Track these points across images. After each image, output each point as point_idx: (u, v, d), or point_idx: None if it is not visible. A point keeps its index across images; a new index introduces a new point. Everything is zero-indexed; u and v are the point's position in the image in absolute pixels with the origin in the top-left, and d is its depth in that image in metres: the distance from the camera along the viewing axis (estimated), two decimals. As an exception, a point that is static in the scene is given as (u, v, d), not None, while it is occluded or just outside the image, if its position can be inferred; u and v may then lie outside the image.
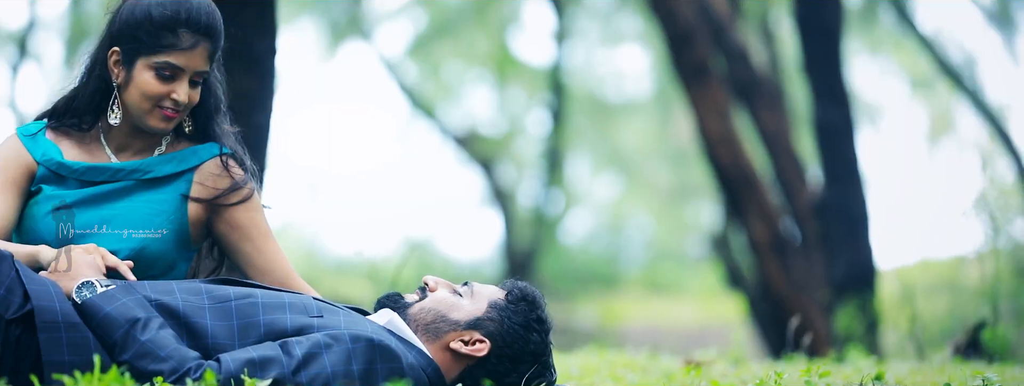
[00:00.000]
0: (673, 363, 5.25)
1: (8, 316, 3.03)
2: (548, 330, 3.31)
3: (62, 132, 3.49)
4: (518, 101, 19.38)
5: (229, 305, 3.15)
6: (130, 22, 3.37)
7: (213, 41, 3.40)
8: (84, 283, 3.09)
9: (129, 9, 3.39)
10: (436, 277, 3.38)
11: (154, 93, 3.36)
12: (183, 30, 3.35)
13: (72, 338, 3.01)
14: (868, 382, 3.41)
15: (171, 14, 3.35)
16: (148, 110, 3.38)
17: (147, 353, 2.96)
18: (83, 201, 3.40)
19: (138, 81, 3.37)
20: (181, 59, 3.35)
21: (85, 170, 3.43)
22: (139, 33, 3.35)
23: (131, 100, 3.39)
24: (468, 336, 3.22)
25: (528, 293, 3.30)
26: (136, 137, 3.48)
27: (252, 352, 3.01)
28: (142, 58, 3.36)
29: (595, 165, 22.29)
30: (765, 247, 9.47)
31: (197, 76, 3.40)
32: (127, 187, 3.43)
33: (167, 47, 3.34)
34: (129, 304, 3.04)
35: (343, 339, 3.05)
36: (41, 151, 3.44)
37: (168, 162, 3.47)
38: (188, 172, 3.49)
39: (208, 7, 3.41)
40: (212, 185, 3.49)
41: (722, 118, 9.52)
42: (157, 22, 3.34)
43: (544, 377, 3.27)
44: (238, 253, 3.52)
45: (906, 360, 5.66)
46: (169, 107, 3.37)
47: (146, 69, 3.36)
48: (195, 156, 3.50)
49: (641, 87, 21.49)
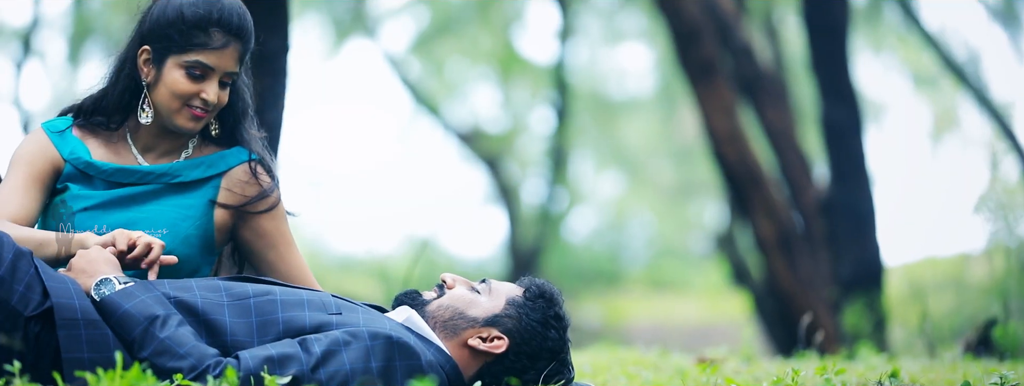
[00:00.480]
0: (684, 361, 5.25)
1: (27, 313, 3.03)
2: (566, 327, 3.31)
3: (89, 130, 3.49)
4: (522, 99, 19.37)
5: (248, 302, 3.15)
6: (161, 21, 3.37)
7: (244, 42, 3.41)
8: (103, 280, 3.09)
9: (160, 8, 3.39)
10: (454, 274, 3.38)
11: (184, 92, 3.36)
12: (215, 30, 3.35)
13: (91, 335, 3.01)
14: (884, 379, 3.40)
15: (203, 13, 3.35)
16: (177, 109, 3.38)
17: (166, 350, 2.96)
18: (110, 203, 3.39)
19: (168, 80, 3.37)
20: (212, 58, 3.35)
21: (114, 171, 3.42)
22: (170, 32, 3.35)
23: (160, 99, 3.39)
24: (486, 333, 3.23)
25: (546, 290, 3.31)
26: (163, 138, 3.48)
27: (271, 349, 3.01)
28: (173, 57, 3.36)
29: (598, 163, 22.29)
30: (772, 244, 9.46)
31: (227, 77, 3.40)
32: (155, 190, 3.43)
33: (198, 46, 3.34)
34: (148, 301, 3.04)
35: (362, 336, 3.06)
36: (69, 149, 3.44)
37: (196, 167, 3.47)
38: (216, 177, 3.49)
39: (240, 8, 3.41)
40: (240, 192, 3.49)
41: (729, 116, 9.50)
42: (189, 21, 3.34)
43: (562, 374, 3.27)
44: (262, 260, 3.53)
45: (917, 357, 5.65)
46: (198, 107, 3.37)
47: (176, 68, 3.36)
48: (223, 161, 3.50)
49: (644, 84, 21.48)
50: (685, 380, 4.13)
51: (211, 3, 3.37)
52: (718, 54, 9.68)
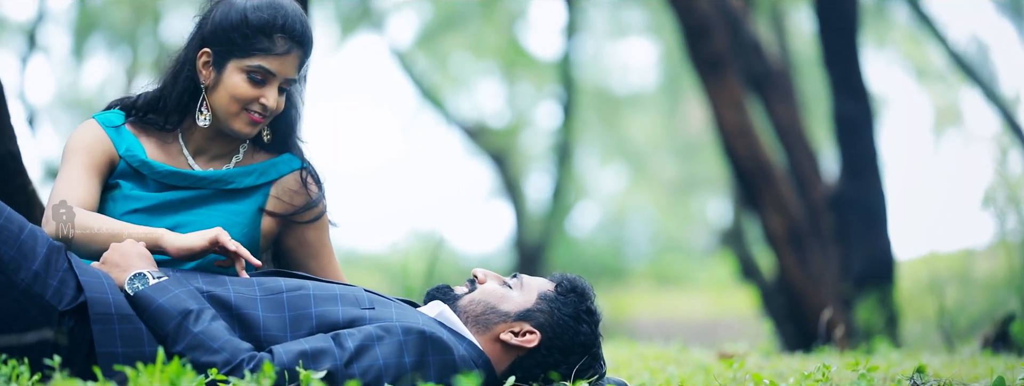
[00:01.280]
0: (705, 356, 5.25)
1: (62, 308, 3.03)
2: (598, 321, 3.31)
3: (141, 128, 3.48)
4: (527, 94, 19.36)
5: (281, 297, 3.15)
6: (224, 24, 3.35)
7: (305, 50, 3.40)
8: (136, 274, 3.08)
9: (223, 11, 3.38)
10: (485, 269, 3.38)
11: (244, 96, 3.35)
12: (279, 35, 3.34)
13: (125, 330, 3.01)
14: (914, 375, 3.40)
15: (268, 18, 3.34)
16: (235, 113, 3.37)
17: (199, 345, 2.95)
18: (160, 206, 3.39)
19: (228, 84, 3.36)
20: (274, 64, 3.34)
21: (168, 173, 3.41)
22: (233, 35, 3.34)
23: (218, 103, 3.38)
24: (518, 327, 3.23)
25: (578, 284, 3.31)
26: (216, 141, 3.47)
27: (305, 344, 3.01)
28: (234, 61, 3.36)
29: (602, 157, 22.28)
30: (782, 240, 9.44)
31: (286, 83, 3.39)
32: (205, 196, 3.43)
33: (261, 51, 3.34)
34: (181, 296, 3.04)
35: (395, 331, 3.06)
36: (125, 145, 3.43)
37: (249, 174, 3.47)
38: (266, 185, 3.49)
39: (303, 16, 3.40)
40: (288, 201, 3.50)
41: (739, 111, 9.48)
42: (253, 25, 3.33)
43: (594, 369, 3.27)
44: (302, 269, 3.54)
45: (935, 353, 5.65)
46: (257, 111, 3.37)
47: (237, 72, 3.35)
48: (275, 169, 3.50)
49: (647, 79, 21.47)
50: (709, 375, 4.13)
51: (276, 8, 3.36)
52: (728, 49, 9.66)
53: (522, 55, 17.88)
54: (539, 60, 18.32)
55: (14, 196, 3.87)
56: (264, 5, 3.35)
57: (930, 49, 18.52)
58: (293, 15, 3.37)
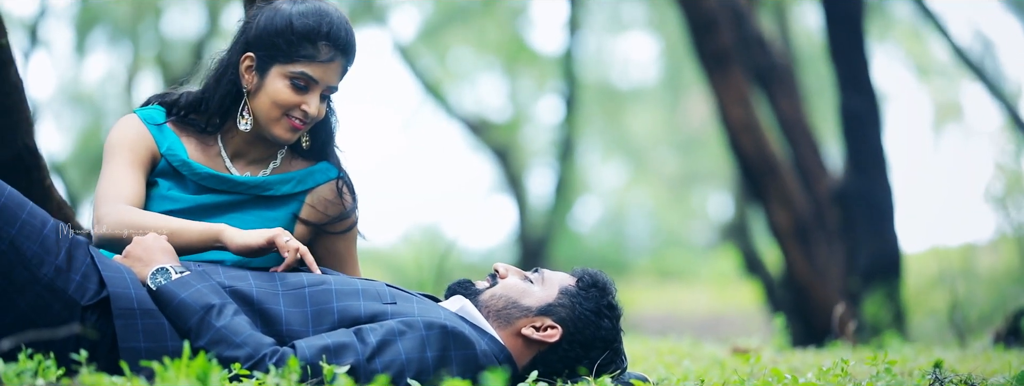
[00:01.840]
0: (718, 351, 5.25)
1: (84, 302, 3.03)
2: (619, 316, 3.31)
3: (182, 128, 3.47)
4: (528, 89, 19.36)
5: (302, 292, 3.15)
6: (269, 30, 3.34)
7: (348, 58, 3.39)
8: (159, 269, 3.08)
9: (268, 17, 3.37)
10: (506, 264, 3.38)
11: (286, 102, 3.34)
12: (323, 43, 3.33)
13: (147, 325, 3.01)
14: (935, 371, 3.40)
15: (313, 25, 3.32)
16: (276, 119, 3.36)
17: (222, 339, 2.95)
18: (196, 209, 3.39)
19: (270, 89, 3.35)
20: (317, 71, 3.33)
21: (207, 176, 3.41)
22: (278, 41, 3.33)
23: (260, 107, 3.37)
24: (540, 322, 3.22)
25: (599, 279, 3.31)
26: (254, 146, 3.47)
27: (327, 339, 3.00)
28: (277, 66, 3.34)
29: (603, 152, 22.28)
30: (788, 234, 9.45)
31: (327, 91, 3.38)
32: (241, 201, 3.43)
33: (305, 58, 3.32)
34: (203, 290, 3.03)
35: (417, 326, 3.05)
36: (168, 144, 3.42)
37: (286, 182, 3.47)
38: (303, 194, 3.49)
39: (347, 24, 3.39)
40: (322, 210, 3.50)
41: (744, 105, 9.49)
42: (298, 32, 3.32)
43: (615, 363, 3.27)
44: None
45: (947, 348, 5.65)
46: (298, 118, 3.36)
47: (280, 77, 3.34)
48: (312, 178, 3.50)
49: (648, 74, 21.47)
50: (724, 370, 4.13)
51: (321, 15, 3.34)
52: (733, 44, 9.66)
53: (524, 50, 17.87)
54: (541, 55, 18.32)
55: (31, 190, 3.86)
56: (310, 12, 3.34)
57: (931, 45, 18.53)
58: (338, 23, 3.35)
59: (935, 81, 19.65)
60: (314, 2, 3.39)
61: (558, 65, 17.34)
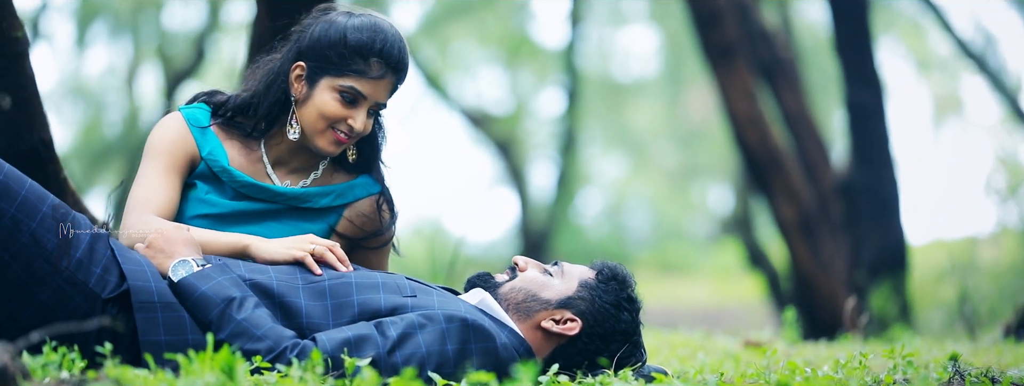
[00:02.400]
0: (730, 343, 5.25)
1: (105, 295, 3.03)
2: (638, 309, 3.31)
3: (226, 130, 3.45)
4: (529, 82, 19.35)
5: (323, 285, 3.14)
6: (322, 41, 3.32)
7: (399, 76, 3.37)
8: (180, 262, 3.08)
9: (323, 28, 3.34)
10: (526, 257, 3.38)
11: (332, 115, 3.32)
12: (375, 59, 3.30)
13: (168, 318, 3.01)
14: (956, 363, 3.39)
15: (367, 41, 3.30)
16: (321, 130, 3.34)
17: (243, 332, 2.95)
18: (231, 215, 3.37)
19: (318, 100, 3.33)
20: (367, 87, 3.31)
21: (246, 185, 3.39)
22: (330, 53, 3.31)
23: (306, 118, 3.35)
24: (559, 315, 3.22)
25: (619, 272, 3.30)
26: (298, 155, 3.45)
27: (347, 332, 3.00)
28: (327, 78, 3.32)
29: (604, 145, 22.28)
30: (792, 228, 9.46)
31: (376, 107, 3.36)
32: (278, 210, 3.42)
33: (356, 72, 3.30)
34: (224, 283, 3.03)
35: (437, 319, 3.05)
36: (209, 148, 3.40)
37: (326, 195, 3.45)
38: (341, 207, 3.47)
39: (401, 41, 3.36)
40: (360, 225, 3.49)
41: (749, 99, 9.48)
42: (351, 46, 3.29)
43: (635, 356, 3.27)
44: None
45: (957, 341, 5.65)
46: (343, 131, 3.33)
47: (329, 90, 3.32)
48: (351, 192, 3.49)
49: (649, 67, 21.47)
50: (738, 363, 4.14)
51: (376, 31, 3.32)
52: (738, 38, 9.65)
53: (525, 43, 17.87)
54: (542, 48, 18.31)
55: (46, 183, 3.87)
56: (365, 26, 3.32)
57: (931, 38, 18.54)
58: (392, 40, 3.33)
59: (935, 75, 19.66)
60: (370, 17, 3.36)
61: (559, 58, 17.34)
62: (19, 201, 3.00)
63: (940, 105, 20.18)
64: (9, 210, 2.98)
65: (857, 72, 8.92)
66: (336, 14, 3.38)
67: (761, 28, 10.67)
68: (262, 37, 4.72)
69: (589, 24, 18.00)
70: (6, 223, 2.97)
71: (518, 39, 17.77)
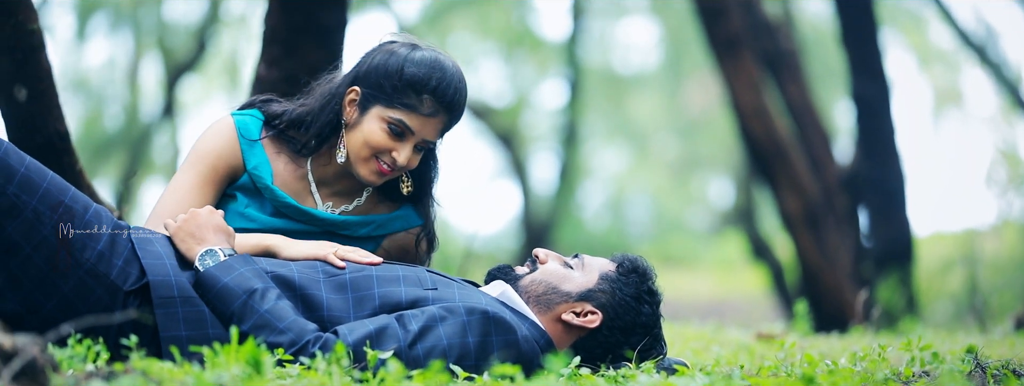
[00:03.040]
0: (743, 336, 5.25)
1: (127, 287, 3.03)
2: (659, 302, 3.31)
3: (276, 142, 3.42)
4: (530, 75, 19.34)
5: (343, 278, 3.14)
6: (380, 69, 3.29)
7: (451, 116, 3.33)
8: (207, 251, 3.08)
9: (384, 56, 3.32)
10: (546, 250, 3.38)
11: (377, 145, 3.29)
12: (428, 96, 3.27)
13: (188, 313, 3.00)
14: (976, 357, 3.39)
15: (423, 76, 3.26)
16: (365, 158, 3.31)
17: (266, 324, 2.94)
18: (270, 232, 3.36)
19: (366, 128, 3.30)
20: (415, 122, 3.28)
21: (287, 206, 3.37)
22: (385, 83, 3.27)
23: (352, 143, 3.32)
24: (580, 308, 3.22)
25: (639, 265, 3.30)
26: (343, 178, 3.43)
27: (369, 325, 2.99)
28: (378, 107, 3.29)
29: (605, 137, 22.27)
30: (798, 220, 9.44)
31: (423, 143, 3.32)
32: (316, 233, 3.40)
33: (406, 106, 3.27)
34: (247, 274, 3.03)
35: (458, 311, 3.04)
36: (254, 163, 3.38)
37: (366, 225, 3.44)
38: (380, 238, 3.46)
39: (459, 82, 3.32)
40: (396, 255, 3.48)
41: (754, 91, 9.46)
42: (406, 79, 3.26)
43: (655, 349, 3.27)
44: None
45: (969, 333, 5.65)
46: (387, 163, 3.30)
47: (378, 119, 3.29)
48: (392, 225, 3.47)
49: (649, 59, 21.45)
50: (752, 355, 4.14)
51: (434, 68, 3.28)
52: (743, 29, 9.63)
53: (527, 36, 17.85)
54: (544, 40, 18.30)
55: (63, 175, 3.83)
56: (425, 61, 3.28)
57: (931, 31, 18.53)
58: (449, 80, 3.29)
59: (935, 67, 19.66)
60: (434, 53, 3.32)
61: (561, 51, 17.32)
62: (41, 193, 3.00)
63: (940, 97, 20.18)
64: (31, 202, 2.98)
65: (863, 65, 8.91)
66: (401, 45, 3.35)
67: (764, 20, 10.66)
68: (274, 31, 4.71)
69: (590, 16, 17.99)
70: (28, 215, 2.97)
71: (520, 31, 17.75)
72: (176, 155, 19.12)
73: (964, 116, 20.38)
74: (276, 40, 4.70)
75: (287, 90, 4.65)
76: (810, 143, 10.38)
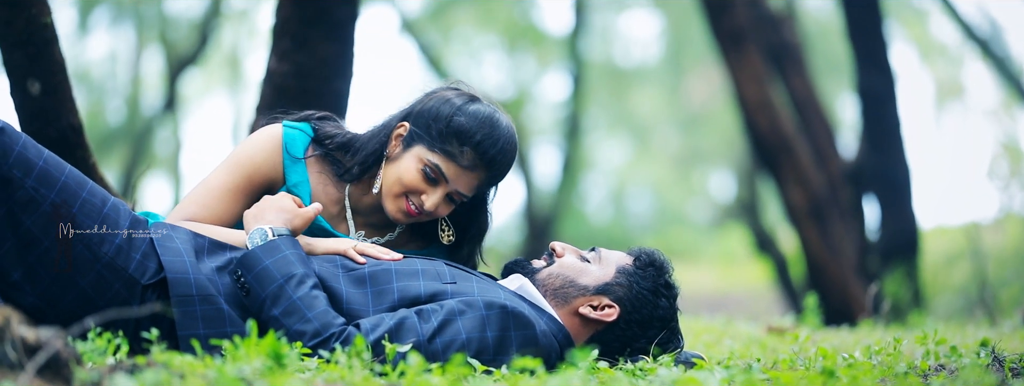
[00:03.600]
0: (753, 330, 5.25)
1: (144, 281, 3.02)
2: (676, 295, 3.30)
3: (321, 163, 3.40)
4: (532, 68, 19.33)
5: (363, 272, 3.14)
6: (432, 111, 3.28)
7: (490, 173, 3.28)
8: (258, 230, 3.09)
9: (441, 99, 3.30)
10: (563, 243, 3.37)
11: (409, 184, 3.27)
12: (470, 149, 3.23)
13: (206, 311, 2.99)
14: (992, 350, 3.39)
15: (470, 129, 3.24)
16: (395, 195, 3.29)
17: (295, 311, 2.93)
18: None
19: (403, 165, 3.27)
20: (451, 171, 3.25)
21: (319, 229, 3.35)
22: (433, 125, 3.25)
23: (387, 177, 3.30)
24: (597, 301, 3.22)
25: (656, 259, 3.30)
26: (379, 211, 3.41)
27: (388, 319, 2.99)
28: (420, 147, 3.26)
29: (607, 130, 22.27)
30: (803, 213, 9.43)
31: (457, 195, 3.29)
32: None
33: (447, 153, 3.24)
34: (290, 258, 3.02)
35: (477, 306, 3.04)
36: (295, 180, 3.36)
37: None
38: None
39: (507, 144, 3.27)
40: None
41: (759, 84, 9.45)
42: (453, 127, 3.23)
43: (672, 342, 3.27)
44: None
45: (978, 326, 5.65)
46: (415, 205, 3.28)
47: (417, 159, 3.26)
48: None
49: (650, 52, 21.44)
50: (765, 349, 4.14)
51: (484, 123, 3.25)
52: (748, 23, 9.63)
53: (530, 30, 17.84)
54: (547, 34, 18.29)
55: (77, 168, 3.85)
56: (477, 115, 3.26)
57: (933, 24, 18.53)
58: (496, 138, 3.25)
59: (936, 61, 19.66)
60: (490, 110, 3.29)
61: (563, 44, 17.30)
62: (59, 187, 3.00)
63: (941, 91, 20.18)
64: (49, 196, 2.98)
65: (869, 58, 8.91)
66: (460, 94, 3.33)
67: (768, 13, 10.65)
68: (285, 24, 4.70)
69: (592, 10, 17.97)
70: (46, 209, 2.97)
71: (522, 25, 17.73)
72: (178, 148, 19.14)
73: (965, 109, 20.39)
74: (287, 33, 4.69)
75: (297, 83, 4.66)
76: (814, 136, 10.37)
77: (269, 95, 4.71)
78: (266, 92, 4.72)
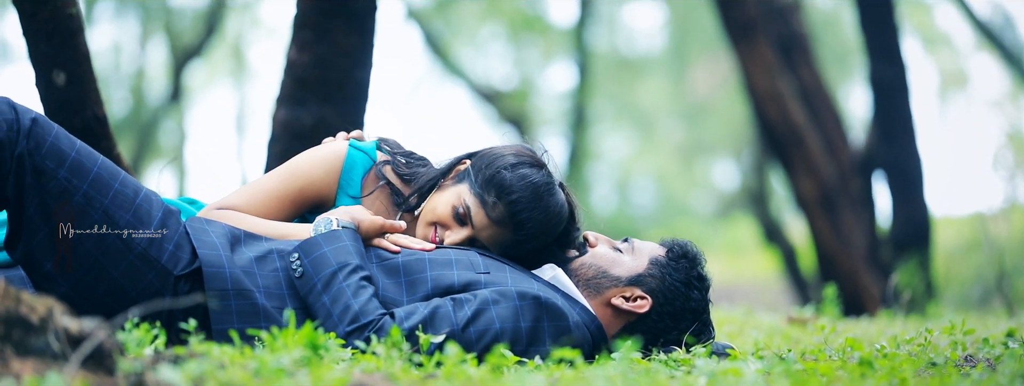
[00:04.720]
0: (774, 320, 5.25)
1: (177, 272, 3.02)
2: (708, 287, 3.30)
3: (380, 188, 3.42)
4: (537, 59, 19.31)
5: (396, 262, 3.14)
6: (489, 158, 3.32)
7: (516, 235, 3.26)
8: (324, 219, 3.12)
9: (502, 151, 3.34)
10: (596, 233, 3.37)
11: (438, 215, 3.30)
12: (502, 204, 3.24)
13: (241, 306, 2.99)
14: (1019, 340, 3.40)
15: (510, 186, 3.26)
16: (427, 222, 3.33)
17: (342, 297, 2.95)
18: None
19: (444, 197, 3.31)
20: (479, 218, 3.27)
21: None
22: (483, 171, 3.29)
23: (428, 203, 3.34)
24: (629, 292, 3.21)
25: (689, 250, 3.29)
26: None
27: (423, 309, 2.99)
28: (464, 185, 3.30)
29: (612, 121, 22.26)
30: (813, 203, 9.43)
31: (480, 243, 3.31)
32: None
33: (481, 200, 3.26)
34: (349, 248, 3.04)
35: (510, 296, 3.04)
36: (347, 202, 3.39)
37: None
38: None
39: (543, 212, 3.25)
40: None
41: (770, 75, 9.44)
42: (496, 179, 3.26)
43: (704, 334, 3.26)
44: None
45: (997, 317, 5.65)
46: (439, 237, 3.31)
47: (456, 195, 3.30)
48: None
49: (655, 43, 21.42)
50: (787, 339, 4.13)
51: (529, 187, 3.25)
52: (758, 13, 9.61)
53: (537, 20, 17.81)
54: (552, 25, 18.27)
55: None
56: (527, 177, 3.27)
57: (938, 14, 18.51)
58: (534, 206, 3.24)
59: (941, 51, 19.65)
60: (548, 180, 3.29)
61: (569, 34, 17.28)
62: (91, 178, 2.99)
63: (946, 81, 20.18)
64: (82, 187, 2.97)
65: (880, 48, 8.89)
66: (528, 157, 3.34)
67: (777, 4, 10.63)
68: (305, 15, 4.68)
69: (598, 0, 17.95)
70: (79, 200, 2.96)
71: (528, 15, 17.70)
72: (183, 140, 19.12)
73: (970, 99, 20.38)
74: (307, 24, 4.67)
75: (317, 74, 4.65)
76: (824, 127, 10.36)
77: (290, 86, 4.69)
78: (287, 83, 4.71)
